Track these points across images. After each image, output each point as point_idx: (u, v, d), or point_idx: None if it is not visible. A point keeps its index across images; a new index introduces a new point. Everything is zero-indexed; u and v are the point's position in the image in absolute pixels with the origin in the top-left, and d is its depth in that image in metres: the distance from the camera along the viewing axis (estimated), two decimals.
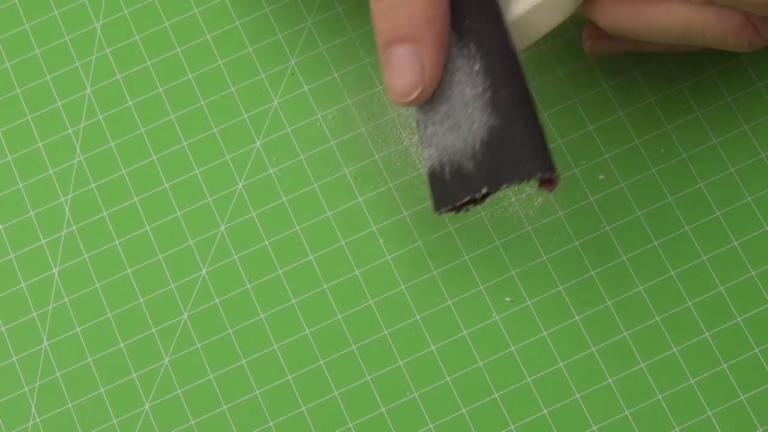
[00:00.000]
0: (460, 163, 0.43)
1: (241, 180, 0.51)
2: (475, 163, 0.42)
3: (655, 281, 0.48)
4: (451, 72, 0.42)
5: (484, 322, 0.48)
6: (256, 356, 0.49)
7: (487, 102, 0.41)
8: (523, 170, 0.41)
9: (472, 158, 0.42)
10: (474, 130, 0.42)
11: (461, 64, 0.42)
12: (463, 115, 0.42)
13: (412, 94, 0.42)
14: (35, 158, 0.52)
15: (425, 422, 0.47)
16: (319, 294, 0.49)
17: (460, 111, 0.42)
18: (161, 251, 0.50)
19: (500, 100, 0.41)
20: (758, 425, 0.46)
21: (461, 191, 0.43)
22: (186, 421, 0.48)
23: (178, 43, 0.53)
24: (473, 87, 0.42)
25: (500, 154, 0.41)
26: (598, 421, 0.47)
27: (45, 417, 0.48)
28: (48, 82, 0.53)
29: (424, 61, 0.42)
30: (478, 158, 0.42)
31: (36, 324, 0.50)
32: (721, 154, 0.50)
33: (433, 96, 0.43)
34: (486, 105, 0.42)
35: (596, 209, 0.49)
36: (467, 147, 0.42)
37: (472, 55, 0.42)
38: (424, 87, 0.42)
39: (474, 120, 0.42)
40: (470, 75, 0.42)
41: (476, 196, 0.42)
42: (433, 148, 0.43)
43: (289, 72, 0.52)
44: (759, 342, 0.47)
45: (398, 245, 0.50)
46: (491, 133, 0.41)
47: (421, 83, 0.42)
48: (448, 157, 0.43)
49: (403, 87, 0.42)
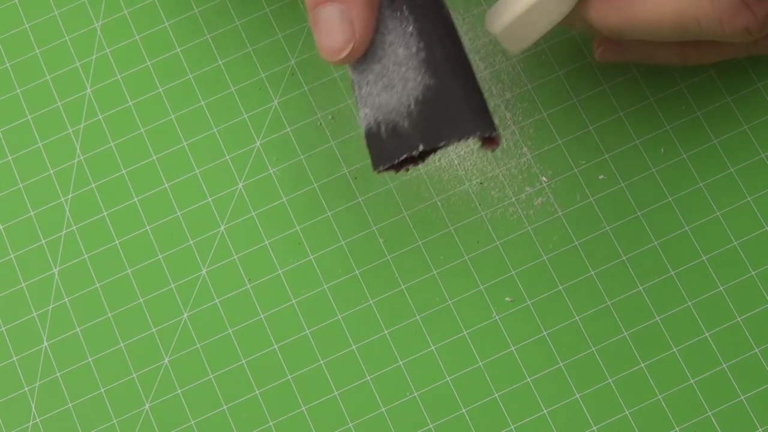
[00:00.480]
0: (395, 121, 0.43)
1: (241, 180, 0.51)
2: (410, 122, 0.42)
3: (655, 281, 0.48)
4: (383, 33, 0.43)
5: (484, 322, 0.48)
6: (256, 356, 0.49)
7: (422, 62, 0.42)
8: (462, 129, 0.41)
9: (407, 116, 0.42)
10: (408, 89, 0.42)
11: (393, 25, 0.43)
12: (397, 75, 0.42)
13: (343, 52, 0.42)
14: (35, 158, 0.52)
15: (425, 422, 0.47)
16: (319, 294, 0.49)
17: (394, 71, 0.43)
18: (161, 251, 0.50)
19: (435, 60, 0.42)
20: (758, 425, 0.46)
21: (398, 149, 0.43)
22: (186, 421, 0.48)
23: (178, 43, 0.53)
24: (406, 48, 0.42)
25: (437, 112, 0.42)
26: (598, 421, 0.47)
27: (45, 417, 0.48)
28: (48, 82, 0.53)
29: (353, 20, 0.42)
30: (413, 116, 0.42)
31: (36, 324, 0.50)
32: (721, 154, 0.50)
33: (366, 56, 0.43)
34: (420, 65, 0.42)
35: (596, 209, 0.49)
36: (402, 106, 0.43)
37: (405, 17, 0.42)
38: (354, 45, 0.42)
39: (408, 79, 0.42)
40: (403, 36, 0.42)
41: (413, 153, 0.42)
42: (368, 107, 0.44)
43: (289, 72, 0.52)
44: (759, 342, 0.47)
45: (398, 245, 0.50)
46: (426, 92, 0.42)
47: (352, 41, 0.42)
48: (383, 116, 0.43)
49: (333, 45, 0.42)
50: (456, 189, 0.50)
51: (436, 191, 0.50)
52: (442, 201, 0.50)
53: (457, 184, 0.50)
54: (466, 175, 0.50)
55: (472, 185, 0.50)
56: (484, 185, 0.50)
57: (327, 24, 0.42)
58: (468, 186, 0.50)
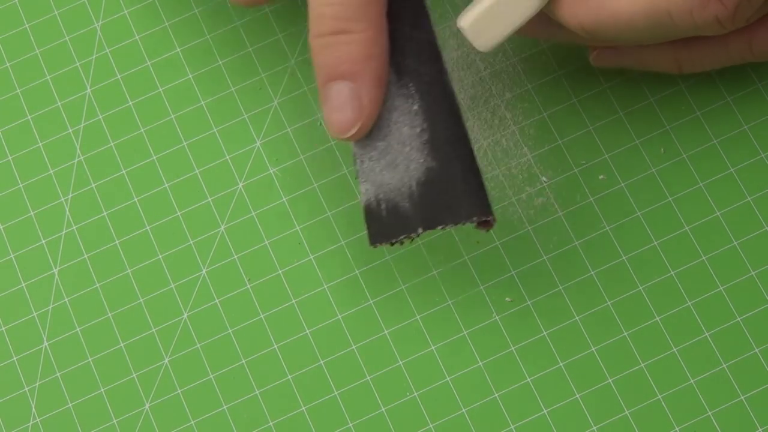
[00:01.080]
0: (396, 201, 0.44)
1: (241, 180, 0.51)
2: (411, 203, 0.43)
3: (655, 281, 0.48)
4: (390, 110, 0.43)
5: (484, 322, 0.48)
6: (256, 356, 0.49)
7: (425, 143, 0.43)
8: (460, 213, 0.42)
9: (408, 198, 0.43)
10: (411, 170, 0.43)
11: (399, 102, 0.43)
12: (401, 154, 0.43)
13: (351, 130, 0.43)
14: (35, 158, 0.52)
15: (425, 422, 0.47)
16: (319, 294, 0.49)
17: (398, 149, 0.43)
18: (161, 251, 0.50)
19: (438, 142, 0.42)
20: (758, 425, 0.46)
21: (397, 229, 0.44)
22: (186, 421, 0.48)
23: (178, 43, 0.53)
24: (411, 127, 0.43)
25: (437, 195, 0.43)
26: (598, 421, 0.47)
27: (45, 417, 0.48)
28: (48, 82, 0.53)
29: (362, 98, 0.42)
30: (414, 198, 0.43)
31: (36, 324, 0.50)
32: (721, 154, 0.50)
33: (371, 132, 0.44)
34: (423, 146, 0.43)
35: (596, 209, 0.49)
36: (404, 186, 0.43)
37: (411, 95, 0.43)
38: (362, 123, 0.43)
39: (411, 160, 0.43)
40: (408, 114, 0.43)
41: (412, 234, 0.43)
42: (369, 183, 0.44)
43: (289, 72, 0.52)
44: (759, 342, 0.47)
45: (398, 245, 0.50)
46: (428, 175, 0.43)
47: (360, 120, 0.43)
48: (384, 194, 0.44)
49: (341, 123, 0.43)
50: None
51: None
52: None
53: None
54: None
55: None
56: None
57: (337, 101, 0.42)
58: None
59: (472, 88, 0.51)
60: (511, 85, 0.51)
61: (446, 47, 0.52)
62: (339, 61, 0.42)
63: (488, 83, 0.51)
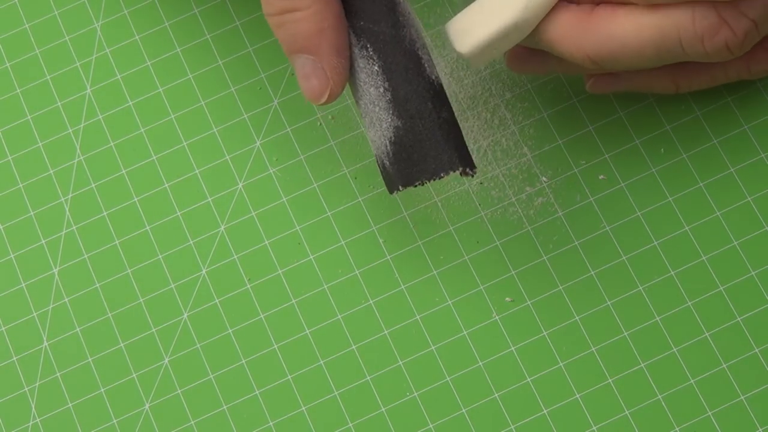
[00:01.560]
0: (382, 159, 0.45)
1: (241, 180, 0.51)
2: (389, 161, 0.44)
3: (655, 281, 0.48)
4: (358, 72, 0.44)
5: (484, 322, 0.48)
6: (256, 356, 0.49)
7: (389, 102, 0.43)
8: (428, 169, 0.43)
9: (386, 156, 0.44)
10: (383, 129, 0.44)
11: (363, 64, 0.44)
12: (374, 114, 0.44)
13: (322, 97, 0.44)
14: (35, 158, 0.52)
15: (425, 422, 0.47)
16: (319, 294, 0.49)
17: (371, 110, 0.44)
18: (161, 251, 0.50)
19: (399, 100, 0.43)
20: (758, 425, 0.46)
21: (388, 184, 0.45)
22: (186, 421, 0.48)
23: (178, 43, 0.53)
24: (376, 87, 0.44)
25: (407, 153, 0.43)
26: (598, 421, 0.47)
27: (45, 417, 0.48)
28: (48, 82, 0.53)
29: (324, 68, 0.43)
30: (391, 156, 0.44)
31: (36, 324, 0.50)
32: (721, 154, 0.50)
33: (353, 92, 0.45)
34: (388, 105, 0.43)
35: (596, 209, 0.49)
36: (382, 145, 0.44)
37: (370, 56, 0.43)
38: (330, 90, 0.44)
39: (382, 120, 0.44)
40: (371, 75, 0.44)
41: (399, 189, 0.44)
42: (369, 138, 0.46)
43: (289, 72, 0.52)
44: (759, 342, 0.47)
45: (398, 245, 0.50)
46: (396, 133, 0.43)
47: (327, 87, 0.44)
48: (375, 150, 0.45)
49: (312, 91, 0.44)
50: (456, 189, 0.50)
51: (436, 191, 0.50)
52: (442, 201, 0.50)
53: (457, 184, 0.50)
54: None
55: (472, 185, 0.50)
56: (484, 185, 0.50)
57: (302, 72, 0.44)
58: (468, 186, 0.50)
59: (472, 88, 0.51)
60: (511, 85, 0.51)
61: (447, 46, 0.52)
62: (294, 38, 0.43)
63: (488, 83, 0.51)
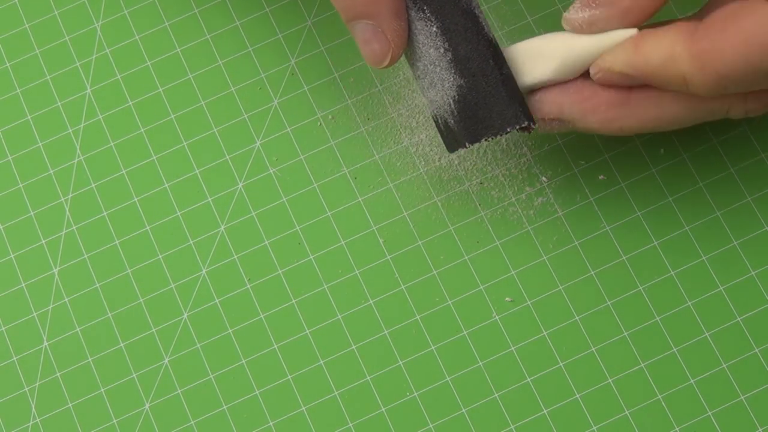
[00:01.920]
0: (445, 118, 0.45)
1: (241, 180, 0.51)
2: (454, 120, 0.45)
3: (655, 281, 0.48)
4: (416, 34, 0.45)
5: (484, 322, 0.48)
6: (256, 356, 0.49)
7: (450, 62, 0.44)
8: (494, 125, 0.44)
9: (451, 115, 0.45)
10: (446, 89, 0.45)
11: (421, 26, 0.44)
12: (435, 75, 0.45)
13: (384, 61, 0.45)
14: (35, 158, 0.52)
15: (425, 422, 0.47)
16: (319, 294, 0.49)
17: (432, 70, 0.45)
18: (161, 251, 0.50)
19: (460, 59, 0.44)
20: (758, 425, 0.46)
21: (452, 143, 0.46)
22: (186, 421, 0.48)
23: (178, 43, 0.53)
24: (435, 48, 0.44)
25: (472, 111, 0.44)
26: (598, 421, 0.47)
27: (45, 417, 0.48)
28: (48, 82, 0.53)
29: (385, 32, 0.44)
30: (455, 115, 0.45)
31: (36, 324, 0.50)
32: (721, 154, 0.50)
33: (409, 55, 0.46)
34: (450, 65, 0.44)
35: (596, 209, 0.49)
36: (445, 104, 0.45)
37: (428, 17, 0.44)
38: (392, 53, 0.44)
39: (444, 79, 0.44)
40: (430, 36, 0.44)
41: (466, 146, 0.45)
42: (426, 99, 0.46)
43: (289, 72, 0.52)
44: (759, 342, 0.47)
45: (398, 245, 0.50)
46: (460, 92, 0.44)
47: (389, 50, 0.44)
48: (436, 110, 0.46)
49: (373, 55, 0.45)
50: (456, 189, 0.50)
51: (436, 191, 0.50)
52: (442, 201, 0.50)
53: (457, 184, 0.50)
54: (466, 175, 0.50)
55: (472, 185, 0.50)
56: (484, 185, 0.50)
57: (363, 37, 0.45)
58: (468, 186, 0.50)
59: None
60: None
61: None
62: (353, 4, 0.44)
63: None
